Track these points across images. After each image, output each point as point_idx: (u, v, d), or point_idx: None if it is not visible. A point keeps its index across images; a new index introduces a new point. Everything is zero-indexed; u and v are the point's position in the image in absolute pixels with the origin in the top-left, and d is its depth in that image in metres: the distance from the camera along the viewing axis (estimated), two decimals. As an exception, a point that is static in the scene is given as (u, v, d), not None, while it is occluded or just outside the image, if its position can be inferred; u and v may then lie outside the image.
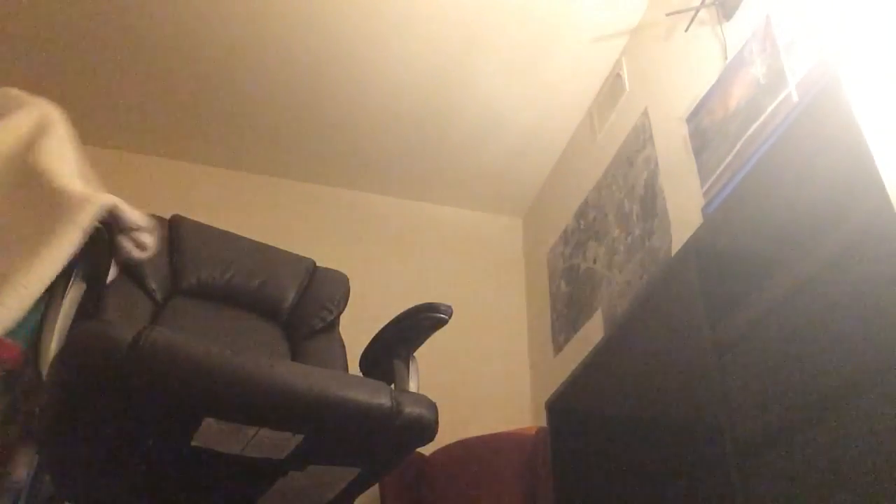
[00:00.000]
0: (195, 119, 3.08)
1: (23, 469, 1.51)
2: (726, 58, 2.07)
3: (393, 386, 1.43)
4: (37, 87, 2.89)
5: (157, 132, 3.15)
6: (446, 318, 1.57)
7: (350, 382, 1.27)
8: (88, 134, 3.13)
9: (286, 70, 2.86)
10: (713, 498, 1.78)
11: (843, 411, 0.99)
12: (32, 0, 2.55)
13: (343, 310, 2.03)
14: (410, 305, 1.63)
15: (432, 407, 1.32)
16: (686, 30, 2.30)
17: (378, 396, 1.25)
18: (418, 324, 1.57)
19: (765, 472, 1.12)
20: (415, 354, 1.62)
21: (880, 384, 0.94)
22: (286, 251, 2.11)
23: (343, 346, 1.94)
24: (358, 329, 2.19)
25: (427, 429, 1.29)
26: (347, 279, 2.11)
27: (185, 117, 3.07)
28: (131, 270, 1.72)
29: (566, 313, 2.95)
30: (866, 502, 0.92)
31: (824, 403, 1.03)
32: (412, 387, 1.51)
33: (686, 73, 2.30)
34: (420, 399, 1.32)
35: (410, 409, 1.27)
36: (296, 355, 1.85)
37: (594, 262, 2.77)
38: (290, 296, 1.98)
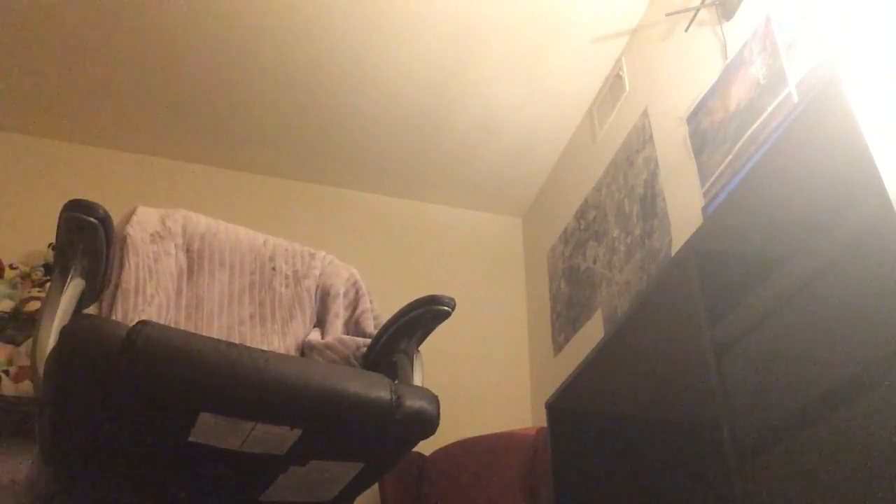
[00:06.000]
0: (194, 119, 3.08)
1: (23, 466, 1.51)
2: (726, 58, 2.07)
3: (396, 380, 1.42)
4: (36, 88, 2.90)
5: (157, 132, 3.15)
6: (449, 310, 1.57)
7: (348, 376, 1.27)
8: (89, 134, 3.13)
9: (286, 69, 2.86)
10: (713, 498, 1.78)
11: (843, 411, 0.98)
12: (32, 0, 2.55)
13: (343, 309, 2.03)
14: (411, 305, 1.63)
15: (433, 399, 1.32)
16: (686, 30, 2.30)
17: (377, 389, 1.25)
18: (421, 317, 1.57)
19: (765, 472, 1.12)
20: (419, 349, 1.62)
21: (880, 384, 0.94)
22: (286, 251, 2.10)
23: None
24: (358, 329, 2.19)
25: (429, 422, 1.29)
26: (348, 278, 2.11)
27: (185, 117, 3.07)
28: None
29: (566, 313, 2.95)
30: (866, 502, 0.92)
31: (824, 403, 1.02)
32: (416, 380, 1.51)
33: (686, 73, 2.30)
34: (421, 392, 1.32)
35: (411, 403, 1.27)
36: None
37: (594, 262, 2.77)
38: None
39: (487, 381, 3.14)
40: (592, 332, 2.65)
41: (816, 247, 1.11)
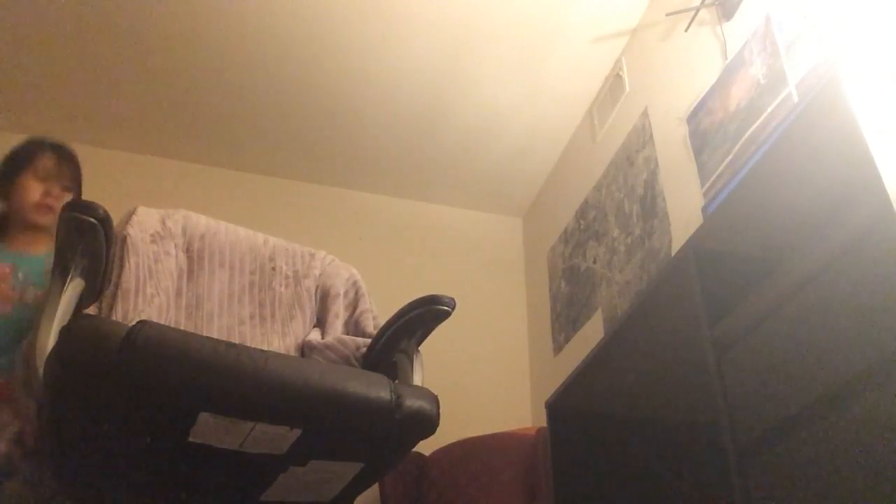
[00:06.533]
0: (194, 119, 3.08)
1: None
2: (726, 58, 2.07)
3: (396, 380, 1.42)
4: (36, 88, 2.90)
5: (157, 132, 3.15)
6: (449, 310, 1.57)
7: (348, 375, 1.27)
8: (89, 134, 3.12)
9: (286, 70, 2.86)
10: (713, 498, 1.78)
11: (843, 411, 0.98)
12: (31, 1, 2.55)
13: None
14: (411, 305, 1.62)
15: (433, 399, 1.32)
16: (686, 30, 2.30)
17: (377, 389, 1.25)
18: (421, 316, 1.57)
19: (765, 471, 1.12)
20: (419, 349, 1.61)
21: (880, 384, 0.94)
22: (286, 251, 2.10)
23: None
24: (358, 329, 2.18)
25: (428, 422, 1.29)
26: (348, 278, 2.10)
27: (185, 117, 3.07)
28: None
29: (566, 313, 2.95)
30: (866, 502, 0.92)
31: (824, 403, 1.02)
32: (416, 380, 1.51)
33: (686, 73, 2.30)
34: (420, 391, 1.32)
35: (411, 402, 1.27)
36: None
37: (594, 262, 2.77)
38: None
39: (487, 381, 3.14)
40: (592, 332, 2.65)
41: (816, 247, 1.11)
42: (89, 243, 1.29)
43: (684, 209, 2.18)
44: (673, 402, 1.93)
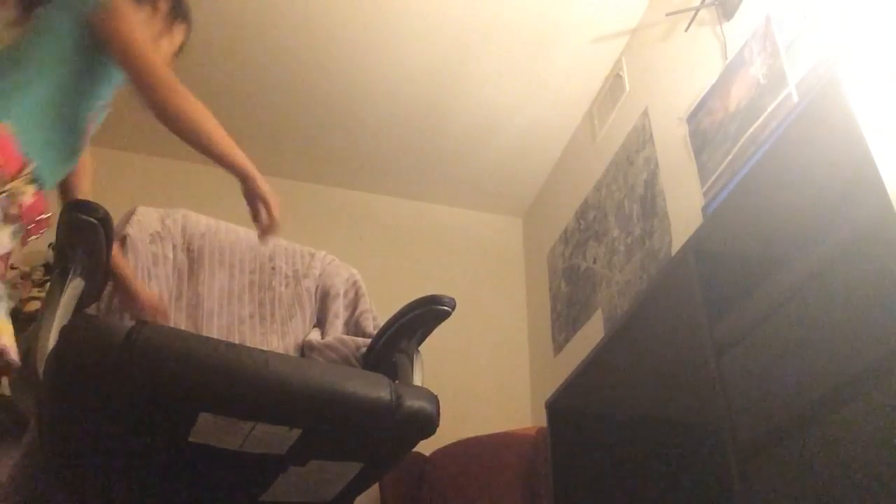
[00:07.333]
0: (195, 118, 3.08)
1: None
2: (726, 58, 2.07)
3: (396, 380, 1.42)
4: (37, 87, 2.89)
5: (157, 132, 3.13)
6: (450, 310, 1.57)
7: (348, 375, 1.27)
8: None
9: (286, 69, 2.86)
10: (713, 498, 1.78)
11: (843, 411, 0.98)
12: None
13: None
14: (411, 305, 1.62)
15: (433, 399, 1.32)
16: (686, 30, 2.30)
17: (377, 389, 1.25)
18: (421, 316, 1.57)
19: (765, 472, 1.12)
20: (419, 349, 1.61)
21: (880, 384, 0.94)
22: (286, 251, 2.10)
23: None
24: (358, 329, 2.18)
25: (428, 422, 1.29)
26: (348, 279, 2.10)
27: (186, 117, 3.07)
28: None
29: (566, 313, 2.95)
30: (866, 502, 0.92)
31: (824, 403, 1.02)
32: (416, 380, 1.51)
33: (686, 73, 2.30)
34: (421, 392, 1.32)
35: (411, 402, 1.27)
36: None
37: (594, 262, 2.77)
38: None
39: (487, 381, 3.14)
40: (592, 332, 2.65)
41: (816, 247, 1.11)
42: (89, 243, 1.29)
43: (684, 209, 2.18)
44: (673, 402, 1.93)
